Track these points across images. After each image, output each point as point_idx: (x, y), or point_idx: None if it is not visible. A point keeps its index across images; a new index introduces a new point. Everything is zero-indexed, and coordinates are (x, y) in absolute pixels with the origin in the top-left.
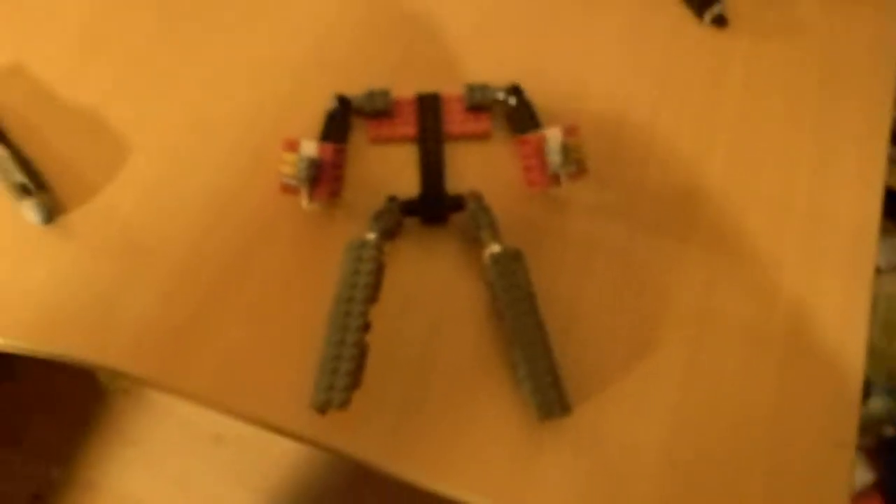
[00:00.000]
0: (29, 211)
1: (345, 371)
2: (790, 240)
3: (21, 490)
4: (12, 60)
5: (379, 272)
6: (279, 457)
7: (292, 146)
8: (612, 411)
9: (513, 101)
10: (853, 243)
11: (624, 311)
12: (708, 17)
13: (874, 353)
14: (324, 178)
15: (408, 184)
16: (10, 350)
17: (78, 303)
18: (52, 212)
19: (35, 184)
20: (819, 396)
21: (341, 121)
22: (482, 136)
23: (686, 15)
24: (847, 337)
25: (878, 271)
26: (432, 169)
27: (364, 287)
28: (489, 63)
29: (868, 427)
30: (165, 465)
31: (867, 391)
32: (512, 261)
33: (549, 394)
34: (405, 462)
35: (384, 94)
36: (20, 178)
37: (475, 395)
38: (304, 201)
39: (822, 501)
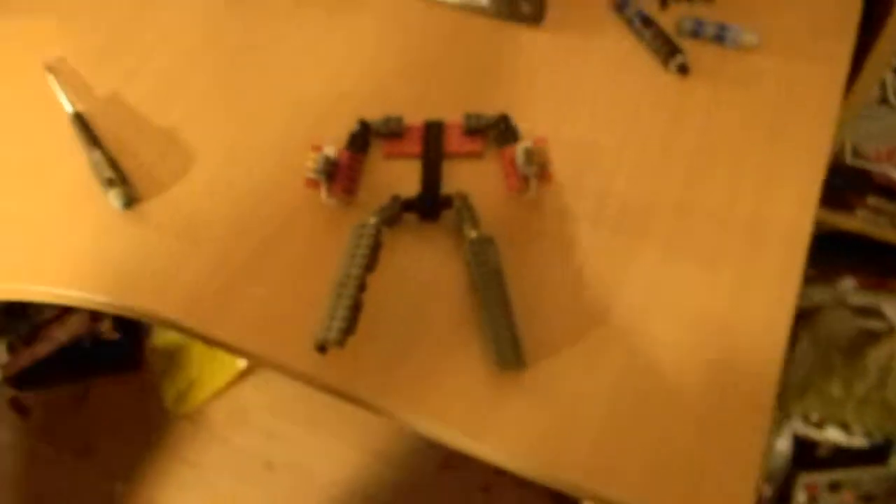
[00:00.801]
0: (113, 198)
1: (340, 317)
2: (731, 247)
3: (88, 501)
4: (111, 91)
5: (376, 247)
6: (328, 486)
7: (317, 149)
8: (564, 370)
9: (502, 126)
10: (784, 255)
11: (581, 294)
12: (672, 65)
13: (892, 412)
14: (340, 176)
15: (412, 189)
16: (92, 306)
17: (146, 270)
18: (130, 200)
19: (119, 178)
20: (744, 369)
21: (361, 138)
22: (476, 155)
23: (654, 64)
24: (772, 328)
25: None
26: (431, 176)
27: (362, 257)
28: (486, 98)
29: (893, 490)
30: (219, 489)
31: (887, 450)
32: (485, 244)
33: (507, 348)
34: (390, 398)
35: (398, 119)
36: (108, 173)
37: (452, 350)
38: (323, 194)
39: (741, 454)
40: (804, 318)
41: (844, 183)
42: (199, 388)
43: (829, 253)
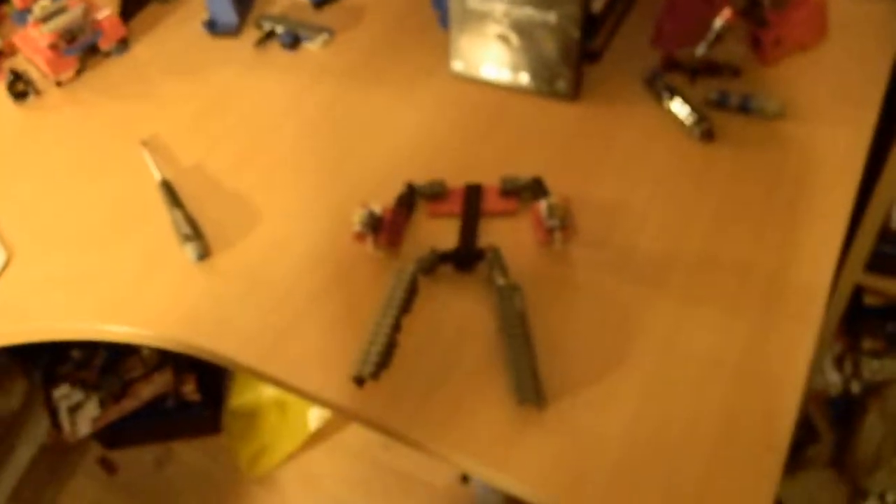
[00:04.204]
0: (189, 251)
1: (376, 352)
2: (748, 301)
3: None
4: (195, 161)
5: (412, 291)
6: None
7: (364, 206)
8: (582, 408)
9: (535, 187)
10: (800, 311)
11: (602, 338)
12: (697, 131)
13: None
14: (385, 230)
15: (451, 244)
16: (162, 344)
17: (213, 314)
18: (204, 253)
19: (195, 234)
20: (758, 412)
21: (408, 198)
22: (510, 214)
23: (680, 134)
24: (787, 378)
25: None
26: (468, 232)
27: (399, 299)
28: (522, 164)
29: None
30: None
31: None
32: (512, 290)
33: (528, 385)
34: (420, 429)
35: (441, 183)
36: (186, 229)
37: (479, 386)
38: (368, 246)
39: (753, 491)
40: (873, 392)
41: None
42: (272, 451)
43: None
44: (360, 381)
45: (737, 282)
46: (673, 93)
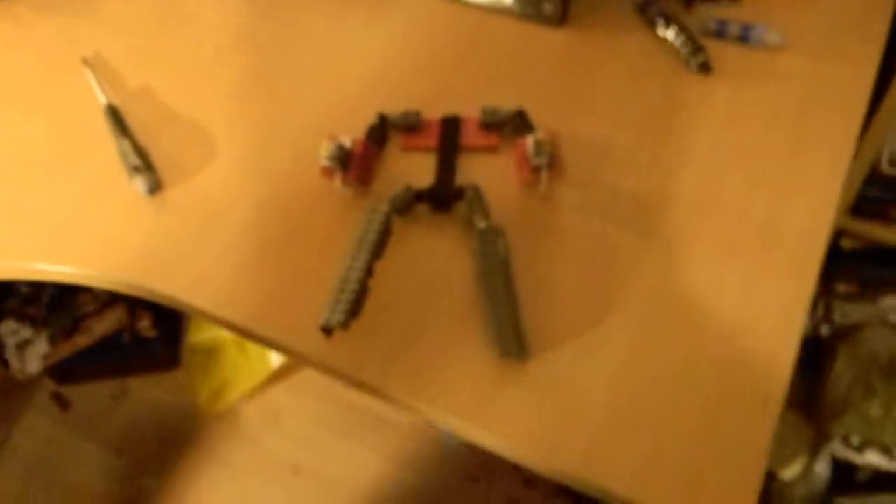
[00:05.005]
0: (139, 184)
1: (346, 300)
2: (743, 246)
3: (118, 494)
4: (144, 83)
5: (385, 234)
6: (353, 493)
7: (332, 138)
8: (566, 360)
9: (517, 121)
10: (798, 257)
11: (587, 286)
12: (694, 64)
13: None
14: (354, 166)
15: (426, 181)
16: (108, 286)
17: (164, 253)
18: (155, 186)
19: (145, 165)
20: (754, 366)
21: (379, 131)
22: (491, 149)
23: (675, 64)
24: (783, 329)
25: None
26: (445, 169)
27: (370, 242)
28: (504, 95)
29: None
30: (248, 489)
31: None
32: (494, 234)
33: (510, 337)
34: (394, 382)
35: (416, 114)
36: (135, 160)
37: (457, 338)
38: (337, 182)
39: (745, 456)
40: (843, 335)
41: (882, 192)
42: (232, 387)
43: (872, 269)
44: (328, 330)
45: (732, 226)
46: (668, 20)
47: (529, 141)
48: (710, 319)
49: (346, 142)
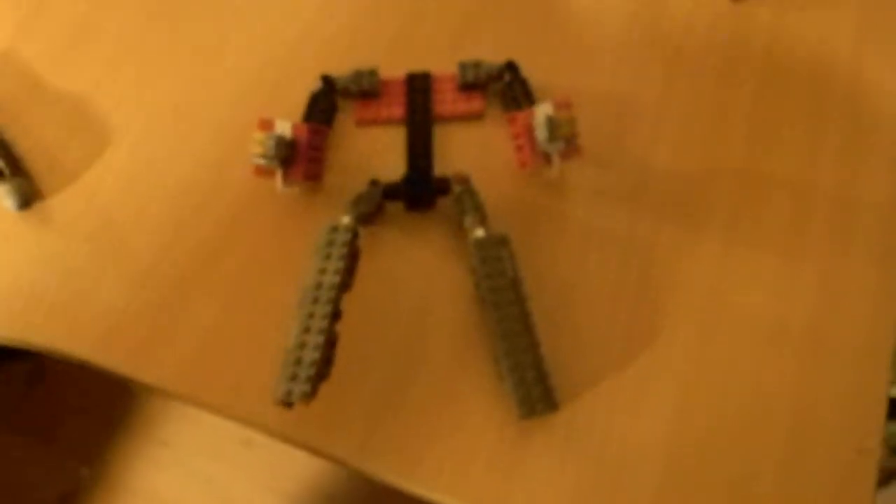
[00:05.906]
0: (3, 196)
1: (309, 361)
2: (816, 225)
3: (50, 488)
4: (4, 45)
5: (352, 258)
6: (308, 461)
7: (267, 126)
8: (606, 409)
9: (507, 77)
10: (886, 229)
11: (623, 302)
12: None
13: None
14: (299, 159)
15: (394, 168)
16: None
17: (50, 291)
18: (28, 198)
19: (11, 168)
20: (841, 399)
21: (325, 102)
22: (474, 117)
23: None
24: (875, 333)
25: None
26: (419, 151)
27: (335, 273)
28: (485, 40)
29: None
30: (195, 467)
31: None
32: (497, 246)
33: (532, 390)
34: (380, 461)
35: (371, 73)
36: None
37: (457, 390)
38: (278, 184)
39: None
40: None
41: None
42: None
43: None
44: (288, 404)
45: (793, 208)
46: None
47: (539, 117)
48: (782, 331)
49: (286, 130)
